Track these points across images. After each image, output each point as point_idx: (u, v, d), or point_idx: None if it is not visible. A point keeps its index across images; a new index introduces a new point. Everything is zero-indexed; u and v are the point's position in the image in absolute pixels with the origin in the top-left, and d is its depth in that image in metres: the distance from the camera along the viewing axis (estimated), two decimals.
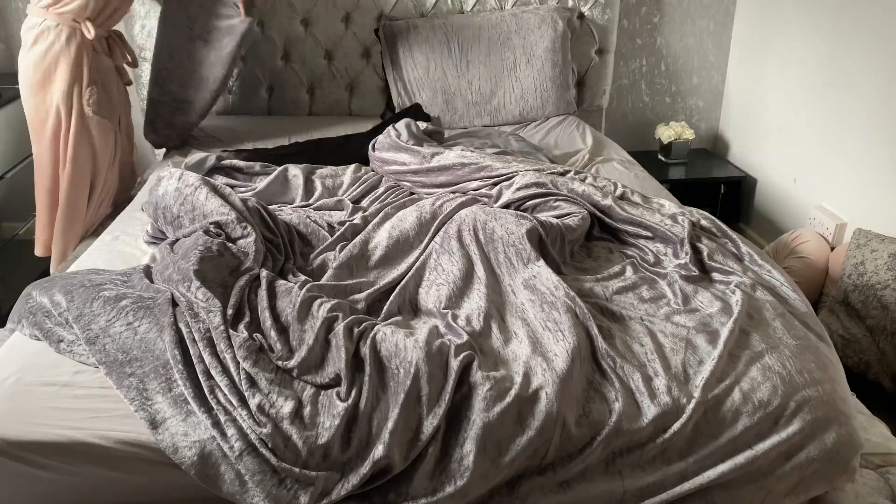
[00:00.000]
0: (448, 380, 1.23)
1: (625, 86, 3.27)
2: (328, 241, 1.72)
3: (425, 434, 1.19)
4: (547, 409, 1.20)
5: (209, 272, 1.46)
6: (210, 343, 1.31)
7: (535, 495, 1.20)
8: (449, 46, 2.72)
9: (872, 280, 2.17)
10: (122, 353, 1.33)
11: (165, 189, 1.76)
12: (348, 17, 2.82)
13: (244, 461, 1.16)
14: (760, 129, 3.07)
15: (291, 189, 2.04)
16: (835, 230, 2.55)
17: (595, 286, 1.55)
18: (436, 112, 2.72)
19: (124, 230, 1.92)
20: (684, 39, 3.21)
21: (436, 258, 1.58)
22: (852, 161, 2.51)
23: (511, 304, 1.48)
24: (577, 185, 1.84)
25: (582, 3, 2.89)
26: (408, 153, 2.10)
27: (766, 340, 1.36)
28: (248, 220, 1.65)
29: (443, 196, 1.79)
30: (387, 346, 1.28)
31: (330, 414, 1.22)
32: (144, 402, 1.25)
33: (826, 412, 1.26)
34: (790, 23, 2.81)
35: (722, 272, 1.57)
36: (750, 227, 3.22)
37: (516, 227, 1.59)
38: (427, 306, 1.49)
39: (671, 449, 1.24)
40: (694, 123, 3.37)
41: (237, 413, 1.20)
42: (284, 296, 1.43)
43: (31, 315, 1.47)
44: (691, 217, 1.74)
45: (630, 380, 1.28)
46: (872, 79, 2.38)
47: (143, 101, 2.75)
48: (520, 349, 1.34)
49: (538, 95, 2.76)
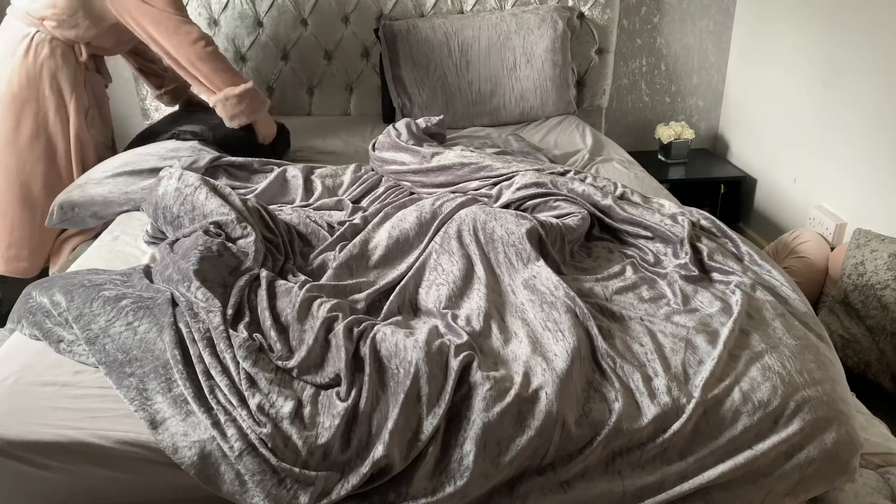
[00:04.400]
0: (448, 380, 1.23)
1: (625, 86, 3.27)
2: (328, 241, 1.72)
3: (425, 434, 1.19)
4: (547, 409, 1.20)
5: (209, 272, 1.46)
6: (210, 343, 1.31)
7: (535, 495, 1.20)
8: (449, 46, 2.72)
9: (872, 280, 2.17)
10: (121, 353, 1.33)
11: (165, 189, 1.76)
12: (348, 18, 2.82)
13: (244, 461, 1.16)
14: (760, 129, 3.07)
15: (291, 189, 2.04)
16: (835, 230, 2.55)
17: (595, 286, 1.55)
18: (436, 112, 2.72)
19: (124, 230, 1.92)
20: (684, 39, 3.21)
21: (436, 258, 1.58)
22: (852, 161, 2.52)
23: (511, 304, 1.48)
24: (577, 185, 1.84)
25: (582, 3, 2.89)
26: (407, 153, 2.10)
27: (766, 340, 1.36)
28: (247, 220, 1.65)
29: (443, 196, 1.79)
30: (387, 345, 1.28)
31: (330, 414, 1.22)
32: (144, 402, 1.25)
33: (826, 412, 1.26)
34: (790, 23, 2.81)
35: (722, 272, 1.57)
36: (750, 227, 3.22)
37: (516, 227, 1.59)
38: (427, 306, 1.49)
39: (671, 449, 1.24)
40: (694, 123, 3.37)
41: (237, 413, 1.20)
42: (284, 296, 1.43)
43: (30, 315, 1.47)
44: (691, 217, 1.74)
45: (630, 380, 1.28)
46: (872, 79, 2.39)
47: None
48: (520, 349, 1.34)
49: (538, 95, 2.76)
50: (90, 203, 2.00)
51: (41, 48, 2.11)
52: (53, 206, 2.01)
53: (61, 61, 2.13)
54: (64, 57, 2.14)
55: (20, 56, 2.12)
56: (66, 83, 2.15)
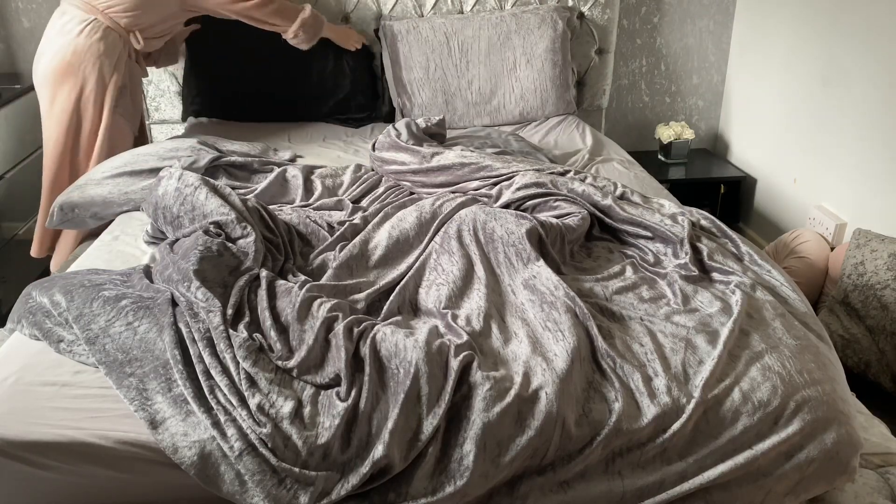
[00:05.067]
0: (448, 380, 1.23)
1: (625, 86, 3.27)
2: (328, 241, 1.72)
3: (425, 434, 1.19)
4: (547, 409, 1.20)
5: (209, 272, 1.46)
6: (210, 343, 1.31)
7: (535, 495, 1.20)
8: (449, 46, 2.72)
9: (872, 280, 2.17)
10: (121, 353, 1.33)
11: (165, 189, 1.76)
12: (348, 18, 2.82)
13: (244, 461, 1.16)
14: (760, 129, 3.07)
15: (291, 189, 2.04)
16: (835, 230, 2.55)
17: (595, 286, 1.55)
18: (436, 112, 2.72)
19: (124, 230, 1.92)
20: (684, 39, 3.21)
21: (436, 258, 1.58)
22: (852, 161, 2.52)
23: (511, 304, 1.48)
24: (577, 185, 1.84)
25: (582, 3, 2.89)
26: (408, 153, 2.10)
27: (766, 340, 1.36)
28: (247, 220, 1.65)
29: (443, 196, 1.79)
30: (387, 345, 1.28)
31: (330, 414, 1.22)
32: (144, 402, 1.25)
33: (826, 412, 1.26)
34: (790, 23, 2.81)
35: (722, 272, 1.57)
36: (750, 227, 3.22)
37: (516, 226, 1.59)
38: (427, 306, 1.49)
39: (671, 449, 1.24)
40: (694, 123, 3.37)
41: (237, 413, 1.20)
42: (284, 296, 1.43)
43: (30, 315, 1.47)
44: (691, 217, 1.75)
45: (630, 380, 1.28)
46: (872, 78, 2.39)
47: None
48: (520, 349, 1.34)
49: (538, 95, 2.76)
50: (90, 204, 2.00)
51: (94, 32, 2.20)
52: (53, 208, 2.01)
53: (111, 47, 2.22)
54: (114, 44, 2.23)
55: (73, 35, 2.19)
56: (109, 66, 2.23)
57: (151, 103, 2.89)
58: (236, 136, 2.51)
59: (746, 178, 3.15)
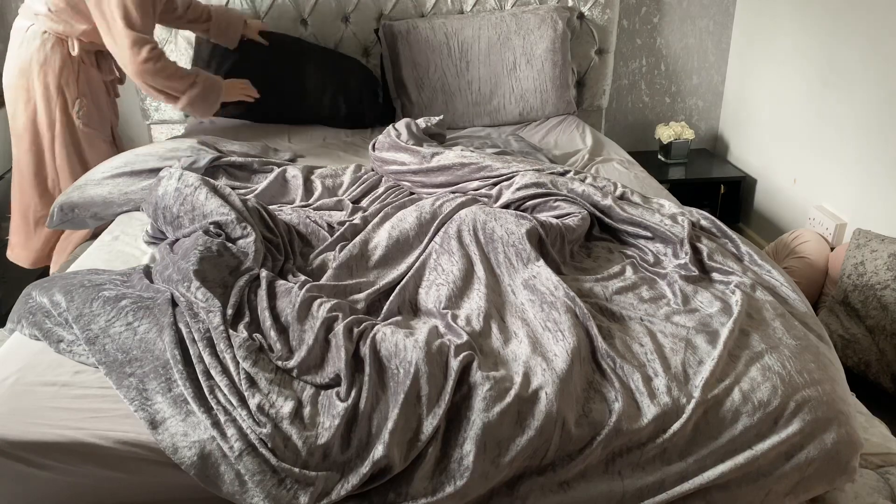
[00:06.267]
0: (448, 380, 1.23)
1: (625, 86, 3.27)
2: (328, 241, 1.72)
3: (425, 434, 1.19)
4: (547, 410, 1.20)
5: (209, 272, 1.46)
6: (210, 343, 1.31)
7: (535, 495, 1.20)
8: (449, 46, 2.72)
9: (872, 280, 2.18)
10: (121, 353, 1.33)
11: (165, 189, 1.75)
12: (348, 17, 2.82)
13: (244, 461, 1.16)
14: (760, 129, 3.07)
15: (291, 189, 2.04)
16: (834, 230, 2.55)
17: (595, 286, 1.55)
18: (436, 112, 2.72)
19: (124, 230, 1.92)
20: (684, 39, 3.21)
21: (435, 258, 1.58)
22: (852, 161, 2.52)
23: (511, 304, 1.48)
24: (576, 185, 1.84)
25: (582, 3, 2.89)
26: (407, 153, 2.10)
27: (766, 340, 1.36)
28: (247, 220, 1.65)
29: (443, 196, 1.79)
30: (386, 346, 1.28)
31: (330, 414, 1.22)
32: (144, 402, 1.25)
33: (826, 412, 1.26)
34: (790, 23, 2.81)
35: (722, 272, 1.57)
36: (750, 227, 3.22)
37: (516, 227, 1.59)
38: (427, 306, 1.49)
39: (671, 449, 1.24)
40: (694, 123, 3.37)
41: (237, 413, 1.20)
42: (284, 296, 1.43)
43: (30, 315, 1.47)
44: (691, 217, 1.74)
45: (630, 380, 1.28)
46: (872, 78, 2.39)
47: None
48: (520, 349, 1.34)
49: (538, 96, 2.76)
50: (90, 204, 2.00)
51: (33, 40, 2.15)
52: (53, 208, 2.01)
53: (50, 53, 2.15)
54: (53, 50, 2.15)
55: (15, 48, 2.17)
56: (54, 75, 2.17)
57: (152, 103, 2.89)
58: (236, 136, 2.52)
59: (746, 178, 3.15)
